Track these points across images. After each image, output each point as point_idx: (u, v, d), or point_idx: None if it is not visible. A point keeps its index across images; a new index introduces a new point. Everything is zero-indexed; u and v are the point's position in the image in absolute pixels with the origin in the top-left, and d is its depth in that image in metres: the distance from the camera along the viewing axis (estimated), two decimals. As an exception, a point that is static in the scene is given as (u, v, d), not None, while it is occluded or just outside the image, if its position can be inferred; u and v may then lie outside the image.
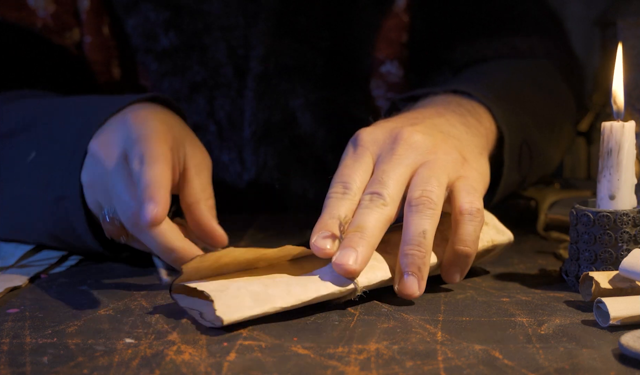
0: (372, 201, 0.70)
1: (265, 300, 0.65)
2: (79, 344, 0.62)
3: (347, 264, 0.67)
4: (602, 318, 0.64)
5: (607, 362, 0.58)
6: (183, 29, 0.99)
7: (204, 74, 1.00)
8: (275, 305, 0.65)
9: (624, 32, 0.94)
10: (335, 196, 0.72)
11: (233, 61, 1.00)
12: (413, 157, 0.73)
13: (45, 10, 0.97)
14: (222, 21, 0.99)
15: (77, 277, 0.78)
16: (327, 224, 0.70)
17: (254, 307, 0.65)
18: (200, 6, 0.99)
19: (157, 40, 1.00)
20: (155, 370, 0.57)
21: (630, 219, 0.71)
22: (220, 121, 1.01)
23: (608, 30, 1.09)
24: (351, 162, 0.74)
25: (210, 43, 1.00)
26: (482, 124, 0.83)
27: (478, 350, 0.60)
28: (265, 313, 0.65)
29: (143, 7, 0.99)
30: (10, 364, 0.58)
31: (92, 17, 0.99)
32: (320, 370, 0.57)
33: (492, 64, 1.02)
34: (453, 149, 0.75)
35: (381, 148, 0.74)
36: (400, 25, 1.04)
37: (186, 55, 1.00)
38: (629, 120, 0.72)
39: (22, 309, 0.69)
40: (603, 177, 0.72)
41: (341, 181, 0.72)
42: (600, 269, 0.71)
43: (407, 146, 0.73)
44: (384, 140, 0.74)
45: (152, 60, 1.00)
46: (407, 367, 0.57)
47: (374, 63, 1.05)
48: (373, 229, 0.69)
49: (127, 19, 1.00)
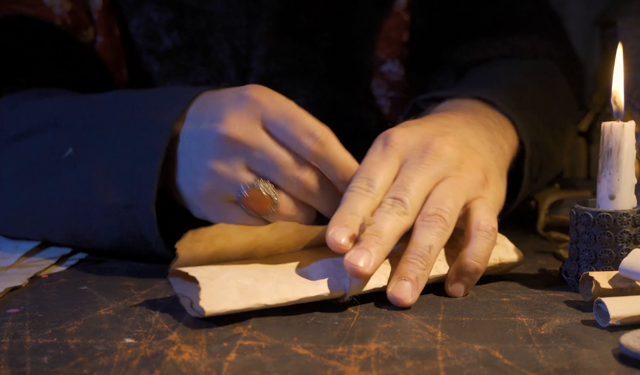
0: (394, 207, 0.70)
1: (252, 295, 0.65)
2: (79, 344, 0.62)
3: (358, 265, 0.67)
4: (602, 318, 0.64)
5: (607, 362, 0.58)
6: (186, 29, 0.99)
7: (207, 75, 1.00)
8: (260, 301, 0.65)
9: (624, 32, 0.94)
10: (359, 192, 0.71)
11: (235, 62, 1.00)
12: (439, 169, 0.73)
13: (62, 7, 0.96)
14: (224, 21, 0.99)
15: (77, 277, 0.78)
16: (346, 219, 0.69)
17: (239, 302, 0.65)
18: (203, 6, 0.99)
19: (159, 41, 0.99)
20: (155, 370, 0.57)
21: (630, 219, 0.71)
22: None
23: (608, 30, 1.09)
24: (379, 160, 0.73)
25: (213, 43, 1.00)
26: (506, 140, 0.83)
27: (478, 350, 0.60)
28: (249, 308, 0.65)
29: (146, 7, 0.99)
30: (10, 364, 0.58)
31: (104, 17, 0.99)
32: (320, 370, 0.57)
33: (501, 64, 1.02)
34: (477, 169, 0.75)
35: (410, 153, 0.74)
36: (400, 25, 1.04)
37: (189, 56, 1.00)
38: (629, 120, 0.72)
39: (22, 309, 0.69)
40: (603, 177, 0.72)
41: (366, 177, 0.72)
42: (600, 269, 0.71)
43: (436, 157, 0.73)
44: (414, 146, 0.74)
45: (154, 61, 1.00)
46: (407, 367, 0.57)
47: (375, 62, 1.05)
48: (389, 236, 0.69)
49: (131, 20, 0.99)
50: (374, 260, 0.67)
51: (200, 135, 0.75)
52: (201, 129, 0.75)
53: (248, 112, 0.73)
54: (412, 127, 0.76)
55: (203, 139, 0.74)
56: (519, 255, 0.76)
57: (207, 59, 1.00)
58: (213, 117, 0.74)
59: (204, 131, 0.74)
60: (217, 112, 0.74)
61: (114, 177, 0.77)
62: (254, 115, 0.73)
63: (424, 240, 0.70)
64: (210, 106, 0.75)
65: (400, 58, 1.05)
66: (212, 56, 1.00)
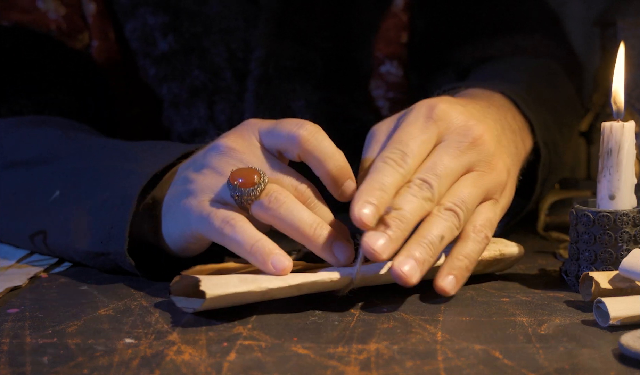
0: (422, 190, 0.69)
1: (252, 281, 0.65)
2: (79, 344, 0.61)
3: (375, 248, 0.66)
4: (602, 318, 0.64)
5: (607, 362, 0.58)
6: (182, 32, 0.99)
7: (204, 78, 1.00)
8: (261, 285, 0.65)
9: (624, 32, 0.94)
10: (391, 164, 0.69)
11: (232, 64, 1.00)
12: (473, 160, 0.72)
13: (56, 12, 0.96)
14: (221, 24, 0.99)
15: (77, 277, 0.78)
16: (374, 194, 0.67)
17: (239, 285, 0.65)
18: (200, 8, 0.98)
19: (155, 45, 0.99)
20: (155, 370, 0.57)
21: (630, 219, 0.71)
22: (221, 125, 1.00)
23: (608, 30, 1.09)
24: (417, 133, 0.71)
25: (209, 46, 0.99)
26: (525, 146, 0.82)
27: (478, 350, 0.60)
28: (249, 291, 0.65)
29: (141, 11, 0.98)
30: (10, 364, 0.58)
31: (99, 21, 0.98)
32: (320, 370, 0.57)
33: (510, 62, 1.01)
34: (504, 169, 0.74)
35: (450, 133, 0.72)
36: (399, 25, 1.04)
37: (185, 59, 0.99)
38: (629, 120, 0.72)
39: (22, 309, 0.69)
40: (603, 177, 0.72)
41: (402, 150, 0.70)
42: (600, 269, 0.71)
43: (474, 146, 0.72)
44: (456, 128, 0.72)
45: (151, 64, 0.99)
46: (407, 367, 0.57)
47: (374, 63, 1.05)
48: (410, 221, 0.68)
49: (126, 23, 0.99)
50: (392, 247, 0.66)
51: (202, 157, 0.73)
52: (200, 155, 0.73)
53: (244, 131, 0.73)
54: (456, 105, 0.74)
55: (205, 156, 0.72)
56: (519, 248, 0.76)
57: (203, 62, 0.99)
58: (214, 143, 0.73)
59: (204, 153, 0.73)
60: (216, 140, 0.73)
61: (90, 224, 0.76)
62: (249, 132, 0.73)
63: (437, 230, 0.69)
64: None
65: (399, 59, 1.05)
66: (208, 59, 0.99)
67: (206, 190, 0.70)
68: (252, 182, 0.69)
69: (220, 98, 1.00)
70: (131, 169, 0.76)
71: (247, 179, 0.69)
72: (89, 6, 0.98)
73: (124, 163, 0.78)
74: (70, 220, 0.78)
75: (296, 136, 0.70)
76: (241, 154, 0.71)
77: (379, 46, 1.04)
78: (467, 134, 0.72)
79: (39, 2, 0.96)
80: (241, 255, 0.68)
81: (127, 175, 0.76)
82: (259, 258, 0.67)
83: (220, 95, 1.00)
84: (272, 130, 0.72)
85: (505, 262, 0.76)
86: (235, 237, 0.68)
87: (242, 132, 0.73)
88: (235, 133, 0.73)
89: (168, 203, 0.73)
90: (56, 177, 0.81)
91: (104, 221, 0.75)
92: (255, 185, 0.69)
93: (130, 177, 0.75)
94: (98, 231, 0.75)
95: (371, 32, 1.04)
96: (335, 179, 0.71)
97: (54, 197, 0.80)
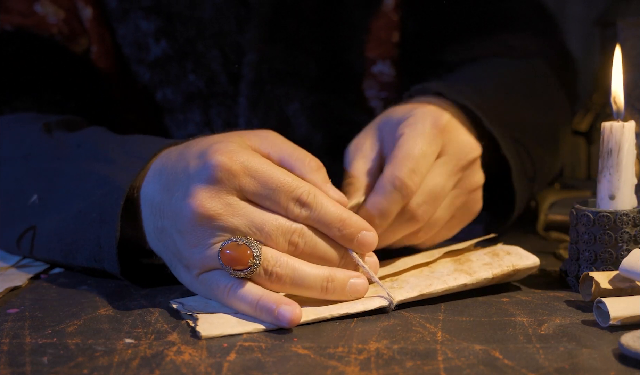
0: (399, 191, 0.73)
1: (249, 323, 0.65)
2: (79, 344, 0.62)
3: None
4: (602, 318, 0.64)
5: (607, 362, 0.58)
6: (176, 37, 0.98)
7: (199, 83, 0.99)
8: (258, 327, 0.65)
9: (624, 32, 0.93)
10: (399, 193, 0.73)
11: (227, 68, 0.99)
12: (455, 178, 0.77)
13: (55, 16, 0.96)
14: (214, 27, 0.98)
15: (77, 277, 0.78)
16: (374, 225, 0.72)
17: (236, 327, 0.64)
18: (193, 13, 0.98)
19: (147, 50, 0.98)
20: (155, 370, 0.57)
21: (630, 219, 0.71)
22: (216, 130, 0.99)
23: (608, 30, 1.09)
24: (428, 152, 0.75)
25: (203, 50, 0.99)
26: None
27: (478, 350, 0.60)
28: (247, 332, 0.64)
29: (133, 16, 0.98)
30: (10, 364, 0.58)
31: (96, 25, 0.98)
32: (320, 370, 0.57)
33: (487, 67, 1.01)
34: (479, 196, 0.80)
35: (452, 158, 0.77)
36: (390, 25, 1.04)
37: (179, 64, 0.99)
38: (629, 120, 0.72)
39: (22, 309, 0.69)
40: (603, 177, 0.72)
41: (411, 180, 0.74)
42: (600, 269, 0.71)
43: (469, 172, 0.78)
44: (460, 154, 0.77)
45: (145, 70, 0.99)
46: (407, 367, 0.57)
47: (366, 63, 1.05)
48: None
49: (118, 29, 0.99)
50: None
51: (174, 211, 0.69)
52: (174, 204, 0.69)
53: (221, 187, 0.67)
54: (460, 128, 0.79)
55: (176, 215, 0.68)
56: (534, 260, 0.75)
57: (198, 67, 0.99)
58: (185, 193, 0.68)
59: (176, 207, 0.68)
60: (188, 186, 0.68)
61: (75, 237, 0.75)
62: (228, 188, 0.67)
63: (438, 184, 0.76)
64: (179, 174, 0.70)
65: (391, 58, 1.05)
66: (203, 64, 0.99)
67: (197, 264, 0.68)
68: (246, 263, 0.66)
69: (216, 102, 1.00)
70: (106, 175, 0.75)
71: (239, 259, 0.66)
72: (85, 11, 0.98)
73: (100, 167, 0.77)
74: (53, 231, 0.77)
75: (296, 215, 0.68)
76: (226, 226, 0.67)
77: (371, 46, 1.04)
78: (465, 167, 0.78)
79: (37, 7, 0.96)
80: (249, 315, 0.66)
81: (103, 184, 0.75)
82: (265, 317, 0.65)
83: (215, 100, 1.00)
84: (264, 197, 0.68)
85: (519, 274, 0.75)
86: (236, 302, 0.66)
87: (218, 191, 0.67)
88: (210, 190, 0.67)
89: (148, 220, 0.72)
90: (33, 175, 0.81)
91: (90, 236, 0.74)
92: (249, 268, 0.66)
93: (106, 187, 0.74)
94: (86, 247, 0.75)
95: (361, 32, 1.04)
96: (343, 236, 0.69)
97: (32, 202, 0.79)
